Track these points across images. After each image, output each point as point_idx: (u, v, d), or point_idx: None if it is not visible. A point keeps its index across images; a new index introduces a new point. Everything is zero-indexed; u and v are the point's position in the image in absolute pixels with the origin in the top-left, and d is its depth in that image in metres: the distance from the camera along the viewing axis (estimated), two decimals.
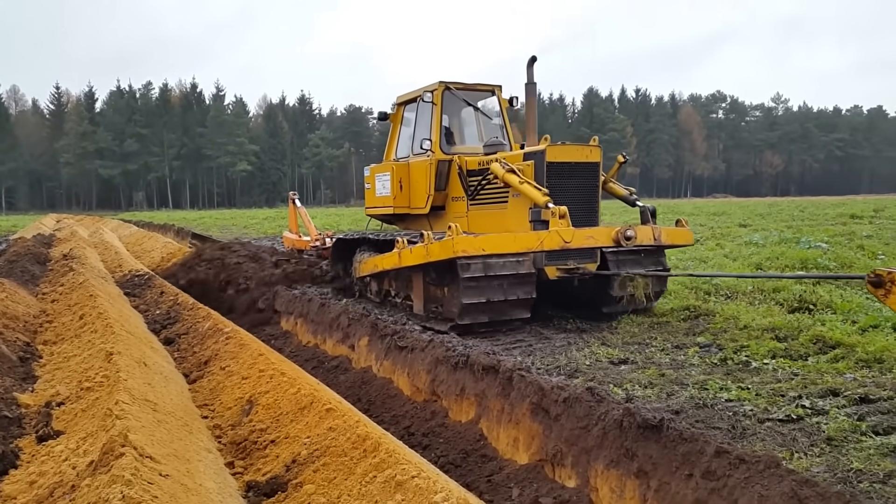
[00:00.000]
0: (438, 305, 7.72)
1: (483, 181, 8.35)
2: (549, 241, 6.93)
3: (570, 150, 7.76)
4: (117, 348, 5.55)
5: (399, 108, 10.42)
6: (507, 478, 4.40)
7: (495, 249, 6.90)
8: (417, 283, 8.02)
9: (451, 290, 7.40)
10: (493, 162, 7.95)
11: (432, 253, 7.12)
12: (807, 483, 3.03)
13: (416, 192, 9.56)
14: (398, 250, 7.88)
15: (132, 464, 3.00)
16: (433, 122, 9.25)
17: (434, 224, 9.44)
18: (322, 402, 4.40)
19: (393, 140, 10.55)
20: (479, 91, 9.86)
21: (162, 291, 10.65)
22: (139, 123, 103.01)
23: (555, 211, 7.00)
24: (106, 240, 23.13)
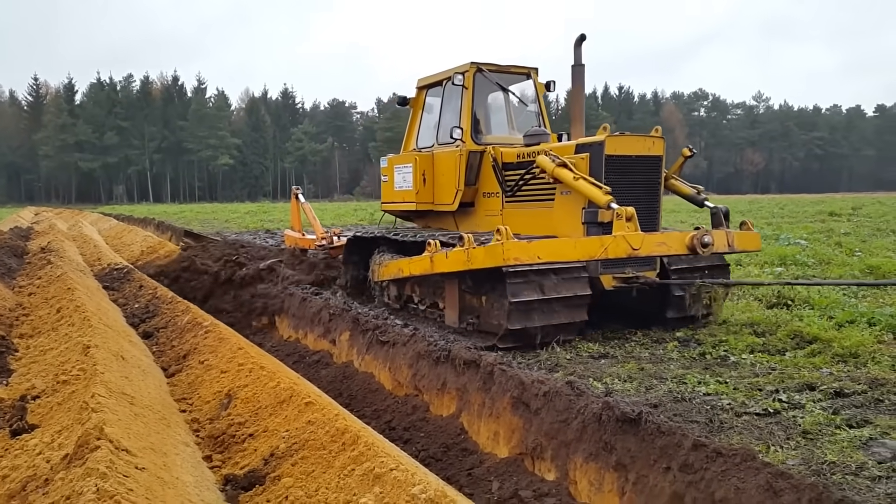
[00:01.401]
0: (475, 316, 6.82)
1: (526, 175, 7.37)
2: (614, 247, 5.85)
3: (631, 142, 6.79)
4: (95, 342, 5.48)
5: (421, 93, 9.45)
6: (488, 471, 4.41)
7: (553, 257, 5.93)
8: (451, 291, 7.06)
9: (492, 300, 6.55)
10: (540, 154, 6.95)
11: (475, 259, 6.15)
12: (782, 475, 3.07)
13: (441, 186, 8.63)
14: (430, 254, 6.87)
15: (107, 457, 2.97)
16: (464, 108, 8.32)
17: (460, 223, 8.64)
18: (301, 396, 4.38)
19: (413, 127, 9.54)
20: (514, 73, 8.90)
21: (141, 285, 10.55)
22: (120, 116, 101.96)
23: (620, 212, 5.94)
24: (85, 233, 22.87)
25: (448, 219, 8.82)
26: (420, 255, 7.11)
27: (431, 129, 9.12)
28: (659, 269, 7.02)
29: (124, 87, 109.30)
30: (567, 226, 6.84)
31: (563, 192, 6.90)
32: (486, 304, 6.67)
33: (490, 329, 6.51)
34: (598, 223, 6.37)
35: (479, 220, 8.29)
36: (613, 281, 6.65)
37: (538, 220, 7.26)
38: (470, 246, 6.23)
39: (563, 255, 5.94)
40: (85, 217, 36.77)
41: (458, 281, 6.90)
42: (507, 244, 5.80)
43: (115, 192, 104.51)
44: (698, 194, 7.59)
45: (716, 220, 7.07)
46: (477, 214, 8.38)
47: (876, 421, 4.36)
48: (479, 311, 6.75)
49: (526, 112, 9.26)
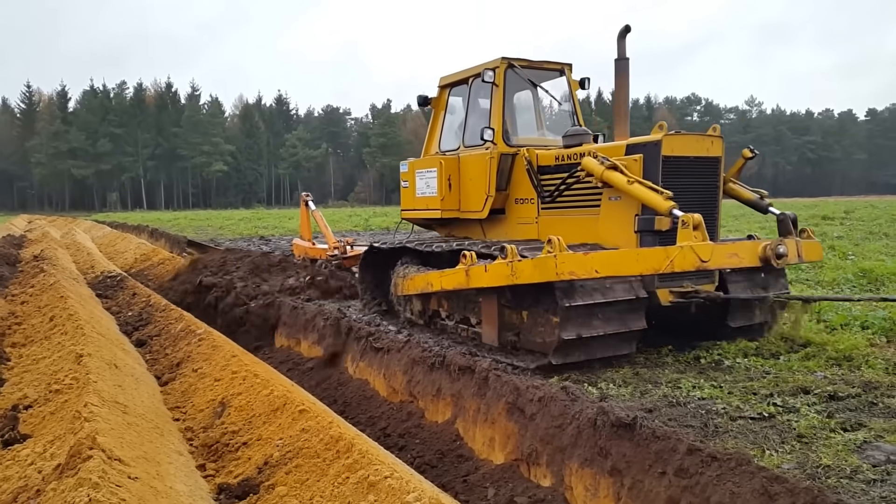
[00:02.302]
0: (515, 334, 6.17)
1: (568, 180, 6.69)
2: (681, 259, 5.21)
3: (689, 142, 6.22)
4: (88, 350, 5.46)
5: (443, 92, 8.83)
6: (483, 478, 4.40)
7: (613, 270, 5.31)
8: (489, 307, 6.41)
9: (535, 316, 5.95)
10: (585, 156, 6.34)
11: (521, 274, 5.50)
12: (777, 479, 3.07)
13: (469, 192, 8.00)
14: (465, 267, 6.17)
15: (100, 466, 2.95)
16: (494, 107, 7.72)
17: (489, 232, 8.08)
18: (295, 404, 4.36)
19: (435, 129, 8.93)
20: (546, 70, 8.30)
21: (134, 293, 10.52)
22: (113, 123, 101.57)
23: (686, 219, 5.28)
24: (78, 241, 22.78)
25: (475, 227, 8.28)
26: (453, 269, 6.42)
27: (456, 131, 8.66)
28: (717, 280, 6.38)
29: (118, 94, 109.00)
30: (615, 235, 6.25)
31: (612, 198, 6.30)
32: (528, 320, 6.05)
33: (533, 347, 5.92)
34: (654, 232, 5.81)
35: (511, 228, 7.73)
36: (670, 296, 6.01)
37: (580, 228, 6.62)
38: (514, 258, 5.59)
39: (624, 268, 5.31)
40: (78, 225, 36.66)
41: (496, 295, 6.26)
42: (560, 257, 5.19)
43: (108, 200, 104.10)
44: (761, 199, 6.91)
45: (783, 228, 6.30)
46: (508, 222, 7.79)
47: (870, 424, 4.36)
48: (520, 327, 6.14)
49: (558, 111, 8.73)
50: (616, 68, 7.10)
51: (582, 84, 8.47)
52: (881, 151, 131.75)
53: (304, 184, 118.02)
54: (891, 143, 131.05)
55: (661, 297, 6.00)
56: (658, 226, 5.79)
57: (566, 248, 5.28)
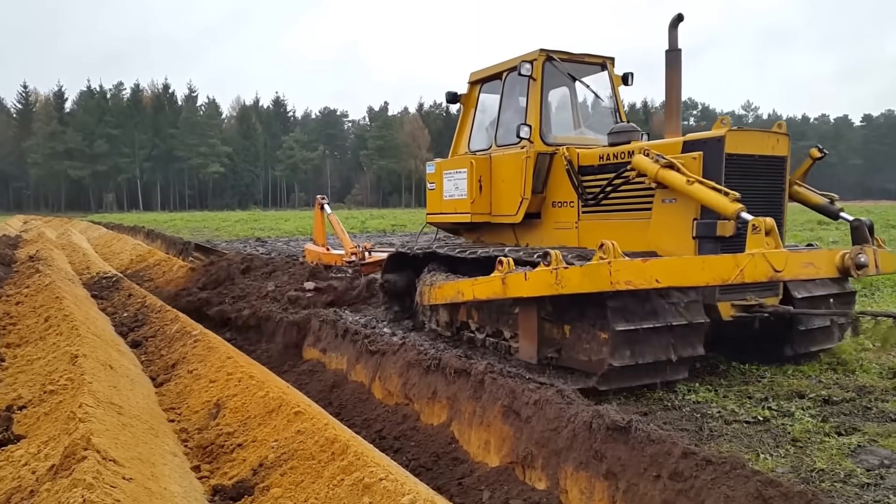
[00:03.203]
0: (556, 351, 5.70)
1: (615, 180, 6.16)
2: (752, 268, 4.64)
3: (754, 139, 5.69)
4: (83, 351, 5.45)
5: (474, 88, 8.31)
6: (478, 480, 4.39)
7: (676, 280, 4.72)
8: (527, 320, 5.87)
9: (579, 332, 5.44)
10: (636, 154, 5.86)
11: (569, 282, 4.96)
12: (771, 483, 3.08)
13: (502, 194, 7.46)
14: (502, 275, 5.65)
15: (94, 467, 2.94)
16: (531, 103, 7.17)
17: (522, 237, 7.56)
18: (290, 406, 4.35)
19: (465, 128, 8.42)
20: (587, 63, 7.75)
21: (130, 294, 10.49)
22: (110, 124, 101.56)
23: (758, 224, 4.71)
24: (74, 241, 22.74)
25: (507, 232, 7.72)
26: (488, 276, 5.88)
27: (487, 129, 8.14)
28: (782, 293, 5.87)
29: (114, 95, 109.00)
30: (669, 241, 5.72)
31: (666, 200, 5.75)
32: (570, 336, 5.54)
33: (575, 365, 5.45)
34: (716, 238, 5.27)
35: (547, 233, 7.19)
36: (732, 310, 5.52)
37: (628, 234, 6.02)
38: (560, 265, 5.07)
39: (688, 277, 4.71)
40: (74, 225, 36.57)
41: (536, 307, 5.73)
42: (615, 264, 4.66)
43: (104, 201, 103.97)
44: (831, 204, 6.30)
45: (859, 236, 5.51)
46: (544, 227, 7.25)
47: (864, 428, 4.39)
48: (561, 343, 5.64)
49: (599, 109, 8.12)
50: (667, 60, 6.57)
51: (625, 80, 7.98)
52: (876, 157, 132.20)
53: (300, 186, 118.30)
54: (886, 148, 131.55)
55: (721, 312, 5.51)
56: (721, 231, 5.25)
57: (621, 255, 4.75)
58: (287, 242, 23.99)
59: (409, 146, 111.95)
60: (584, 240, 6.67)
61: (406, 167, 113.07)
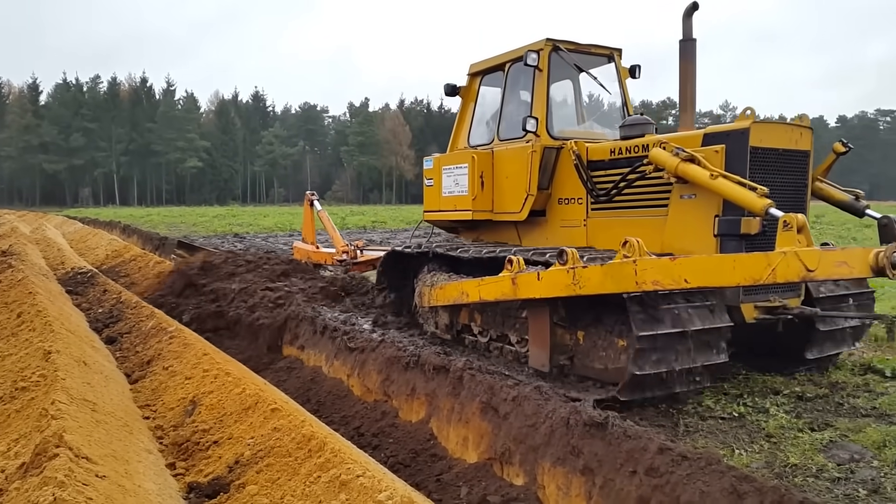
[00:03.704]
0: (567, 357, 5.44)
1: (630, 175, 5.83)
2: (784, 268, 4.27)
3: (778, 132, 5.39)
4: (56, 347, 5.37)
5: (474, 80, 8.00)
6: (457, 476, 4.40)
7: (705, 280, 4.40)
8: (538, 324, 5.55)
9: (594, 338, 5.19)
10: (654, 147, 5.51)
11: (588, 282, 4.70)
12: (746, 479, 3.11)
13: (505, 190, 7.16)
14: (512, 275, 5.41)
15: (66, 465, 2.90)
16: (537, 94, 6.89)
17: (525, 236, 7.26)
18: (267, 403, 4.33)
19: (464, 122, 8.10)
20: (593, 54, 7.43)
21: (105, 289, 10.37)
22: (86, 117, 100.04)
23: (789, 220, 4.37)
24: (49, 236, 22.40)
25: (509, 231, 7.43)
26: (496, 276, 5.62)
27: (489, 123, 7.86)
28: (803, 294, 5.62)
29: (91, 88, 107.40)
30: (688, 239, 5.41)
31: (684, 196, 5.46)
32: (584, 342, 5.27)
33: (590, 374, 5.19)
34: (740, 236, 5.00)
35: (552, 232, 6.88)
36: (755, 312, 5.24)
37: (642, 231, 5.55)
38: (577, 264, 4.81)
39: (718, 276, 4.39)
40: (49, 220, 36.04)
41: (548, 310, 5.40)
42: (641, 262, 4.39)
43: (80, 195, 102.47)
44: (857, 200, 5.92)
45: (888, 234, 5.16)
46: (549, 226, 6.93)
47: (836, 424, 4.46)
48: (575, 350, 5.37)
49: (605, 102, 7.80)
50: (681, 50, 6.29)
51: (632, 72, 7.70)
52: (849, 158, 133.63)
53: (279, 181, 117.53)
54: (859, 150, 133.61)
55: (745, 314, 5.19)
56: (745, 228, 4.96)
57: (646, 253, 4.45)
58: (266, 238, 23.82)
59: (390, 143, 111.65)
60: (593, 238, 6.39)
61: (387, 164, 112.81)
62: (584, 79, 7.54)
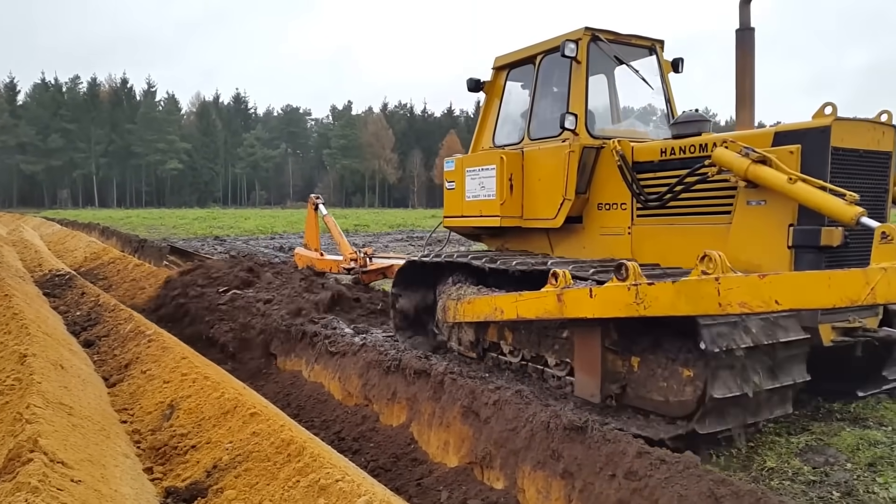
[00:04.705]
0: (619, 386, 4.80)
1: (688, 178, 5.20)
2: (884, 287, 3.58)
3: (860, 130, 4.81)
4: (32, 350, 5.30)
5: (499, 75, 7.35)
6: (437, 481, 4.40)
7: (799, 301, 3.75)
8: (587, 347, 4.92)
9: (652, 366, 4.57)
10: (718, 147, 4.91)
11: (655, 302, 4.12)
12: (723, 482, 3.15)
13: (537, 195, 6.53)
14: (557, 290, 4.77)
15: (40, 470, 2.87)
16: (575, 88, 6.26)
17: (557, 245, 6.62)
18: (246, 407, 4.30)
19: (488, 119, 7.48)
20: (634, 46, 6.79)
21: (83, 292, 10.25)
22: (65, 118, 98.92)
23: (888, 232, 3.79)
24: (26, 238, 22.10)
25: (539, 239, 6.80)
26: (538, 292, 5.02)
27: (516, 121, 7.27)
28: None
29: (70, 89, 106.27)
30: (756, 250, 4.82)
31: (753, 202, 4.86)
32: (640, 370, 4.65)
33: (648, 406, 4.59)
34: (819, 248, 4.46)
35: (590, 240, 6.28)
36: (833, 333, 4.64)
37: (699, 241, 5.07)
38: (640, 280, 4.22)
39: (812, 297, 3.74)
40: (27, 222, 35.55)
41: (600, 332, 4.80)
42: (726, 281, 3.81)
43: (59, 197, 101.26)
44: None
45: None
46: (586, 234, 6.31)
47: (812, 428, 4.51)
48: (628, 378, 4.75)
49: (645, 98, 7.11)
50: (738, 41, 5.77)
51: (675, 66, 7.07)
52: None
53: (261, 184, 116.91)
54: None
55: (822, 336, 4.61)
56: (825, 240, 4.42)
57: (729, 269, 3.87)
58: (247, 241, 23.69)
59: (373, 146, 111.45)
60: (638, 248, 5.79)
61: (369, 167, 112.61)
62: (620, 73, 7.00)
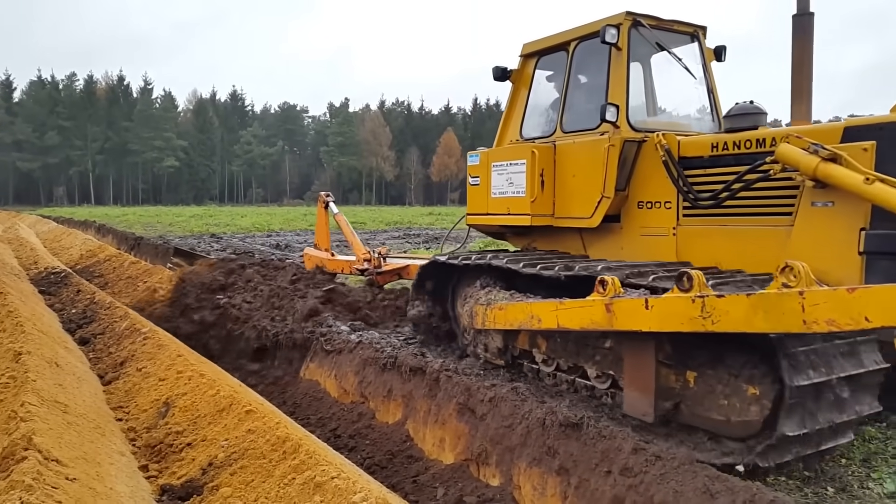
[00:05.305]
0: (673, 404, 4.40)
1: (748, 175, 4.82)
2: None
3: None
4: (27, 348, 5.29)
5: (528, 63, 6.93)
6: (433, 478, 4.40)
7: (892, 318, 3.31)
8: (639, 362, 4.51)
9: (711, 382, 4.19)
10: (781, 143, 4.55)
11: (724, 317, 3.74)
12: (718, 478, 3.15)
13: (571, 191, 6.15)
14: (606, 300, 4.39)
15: (35, 468, 2.86)
16: (616, 77, 5.88)
17: (591, 245, 6.24)
18: (242, 404, 4.30)
19: (515, 111, 7.07)
20: (676, 32, 6.33)
21: (79, 290, 10.22)
22: (62, 115, 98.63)
23: None
24: (21, 236, 22.05)
25: (571, 239, 6.42)
26: (583, 300, 4.63)
27: (546, 112, 6.84)
28: None
29: (67, 86, 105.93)
30: (823, 256, 4.38)
31: (818, 203, 4.48)
32: (697, 386, 4.28)
33: (706, 426, 4.23)
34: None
35: (629, 241, 5.91)
36: None
37: (756, 244, 4.84)
38: (706, 291, 3.86)
39: None
40: (23, 219, 35.46)
41: (654, 345, 4.40)
42: (812, 295, 3.43)
43: (55, 194, 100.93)
44: None
45: None
46: (624, 234, 5.94)
47: None
48: (682, 395, 4.38)
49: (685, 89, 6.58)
50: (794, 27, 5.32)
51: (718, 54, 6.63)
52: None
53: (258, 181, 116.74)
54: None
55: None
56: None
57: (813, 281, 3.51)
58: (243, 239, 23.67)
59: (370, 143, 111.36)
60: (685, 251, 5.42)
61: (367, 165, 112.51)
62: (656, 62, 6.63)
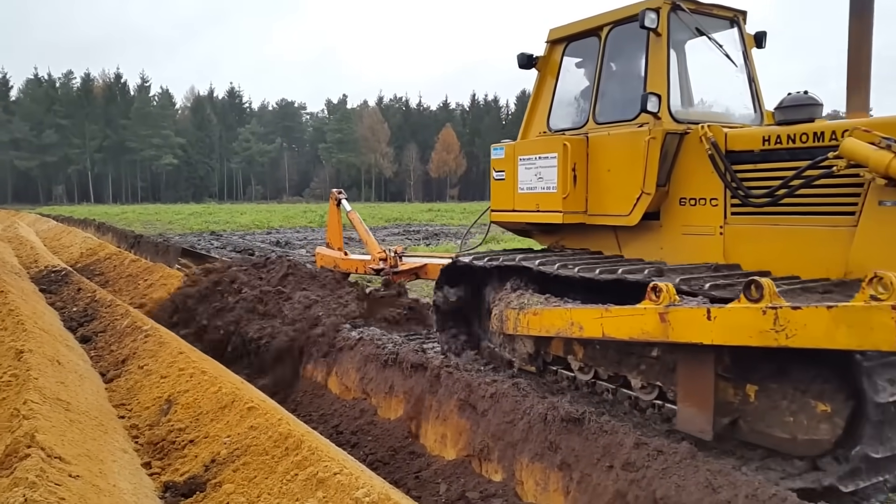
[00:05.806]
0: (731, 420, 4.09)
1: (808, 171, 4.42)
2: None
3: None
4: (29, 346, 5.30)
5: (555, 50, 6.45)
6: (435, 473, 4.41)
7: None
8: (696, 375, 4.17)
9: (775, 397, 3.90)
10: (847, 136, 4.15)
11: (800, 331, 3.43)
12: (720, 473, 3.16)
13: (607, 187, 5.74)
14: (660, 309, 4.07)
15: (38, 465, 2.87)
16: (656, 64, 5.47)
17: (626, 244, 5.82)
18: (244, 401, 4.30)
19: (541, 100, 6.56)
20: (715, 17, 5.93)
21: (79, 288, 10.23)
22: (59, 114, 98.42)
23: None
24: (21, 234, 22.05)
25: (605, 237, 6.00)
26: (632, 308, 4.30)
27: (576, 102, 6.45)
28: None
29: (64, 84, 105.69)
30: (889, 259, 4.02)
31: (887, 203, 4.14)
32: (758, 401, 4.00)
33: (768, 444, 3.95)
34: None
35: (669, 241, 5.49)
36: None
37: (813, 245, 4.52)
38: (779, 302, 3.53)
39: None
40: (22, 218, 35.45)
41: (713, 357, 4.06)
42: None
43: (54, 193, 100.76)
44: None
45: None
46: (664, 233, 5.52)
47: None
48: (742, 410, 4.07)
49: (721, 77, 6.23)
50: (853, 8, 4.83)
51: (758, 41, 6.21)
52: None
53: (257, 178, 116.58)
54: None
55: None
56: None
57: None
58: (243, 236, 23.67)
59: (369, 140, 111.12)
60: (733, 251, 5.01)
61: (365, 161, 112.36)
62: (691, 48, 6.23)
